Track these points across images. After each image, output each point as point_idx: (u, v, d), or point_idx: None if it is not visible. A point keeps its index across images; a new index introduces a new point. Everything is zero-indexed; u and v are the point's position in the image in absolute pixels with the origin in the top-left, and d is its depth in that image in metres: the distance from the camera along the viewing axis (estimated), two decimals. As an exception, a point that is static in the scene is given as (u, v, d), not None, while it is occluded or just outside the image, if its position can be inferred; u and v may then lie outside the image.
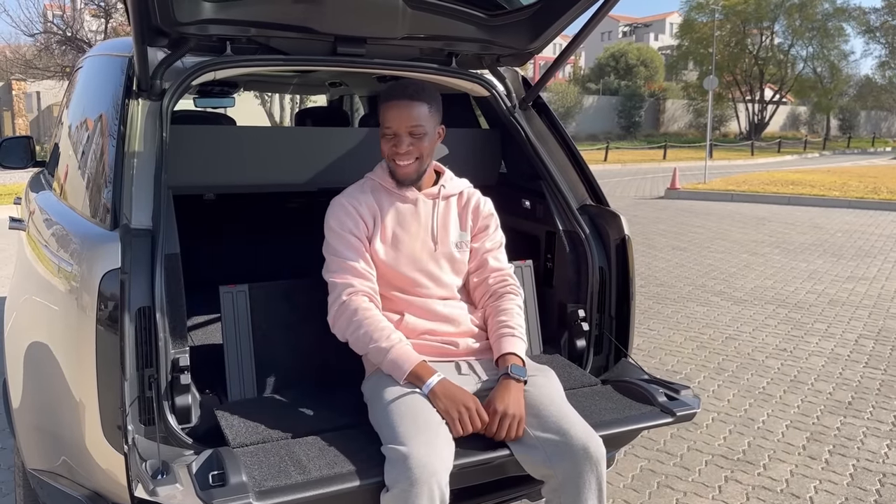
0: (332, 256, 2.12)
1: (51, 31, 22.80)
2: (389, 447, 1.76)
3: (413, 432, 1.77)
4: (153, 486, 1.60)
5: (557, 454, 1.84)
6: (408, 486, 1.67)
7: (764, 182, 16.91)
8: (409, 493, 1.67)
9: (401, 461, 1.70)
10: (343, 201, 2.17)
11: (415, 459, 1.69)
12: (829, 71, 45.64)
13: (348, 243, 2.11)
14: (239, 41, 2.31)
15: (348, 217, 2.14)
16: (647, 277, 7.46)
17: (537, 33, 2.50)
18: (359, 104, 5.18)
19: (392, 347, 1.96)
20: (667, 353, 5.06)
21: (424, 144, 2.10)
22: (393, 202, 2.18)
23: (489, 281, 2.24)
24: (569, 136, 2.76)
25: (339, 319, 2.05)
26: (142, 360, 1.79)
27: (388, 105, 2.08)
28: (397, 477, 1.69)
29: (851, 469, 3.36)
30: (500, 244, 2.32)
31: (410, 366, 1.93)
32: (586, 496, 1.84)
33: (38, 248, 2.34)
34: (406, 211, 2.18)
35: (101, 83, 2.46)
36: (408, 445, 1.73)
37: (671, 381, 2.25)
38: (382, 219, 2.16)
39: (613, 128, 44.13)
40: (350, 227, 2.12)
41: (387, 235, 2.16)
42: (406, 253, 2.17)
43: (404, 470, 1.69)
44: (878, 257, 8.63)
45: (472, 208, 2.28)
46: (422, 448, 1.72)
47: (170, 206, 2.04)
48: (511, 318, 2.16)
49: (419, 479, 1.67)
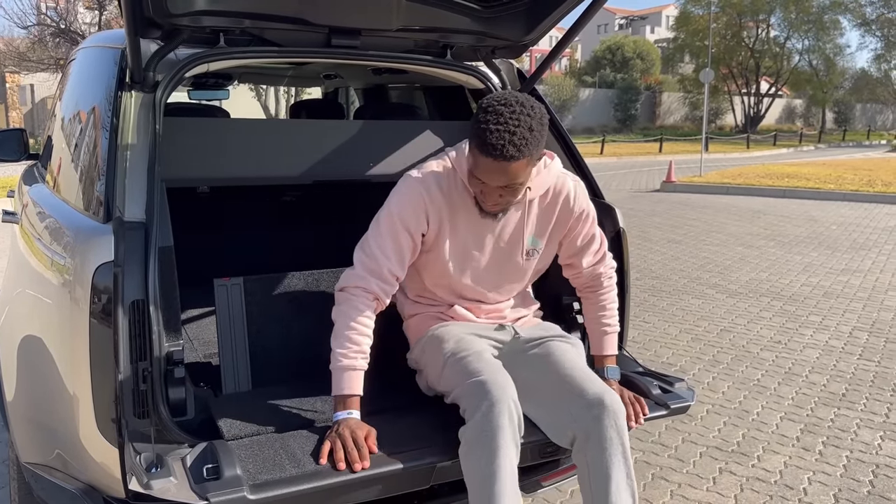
0: (373, 240, 1.99)
1: (44, 24, 22.67)
2: (466, 382, 1.87)
3: (483, 366, 1.91)
4: (147, 479, 1.60)
5: (579, 412, 1.90)
6: (489, 406, 1.79)
7: (759, 175, 16.93)
8: (492, 412, 1.78)
9: (479, 388, 1.83)
10: (420, 189, 1.99)
11: (492, 384, 1.83)
12: (824, 64, 45.65)
13: (395, 239, 1.99)
14: (232, 33, 2.29)
15: (413, 212, 1.99)
16: (643, 270, 7.47)
17: (533, 25, 2.49)
18: (354, 96, 5.17)
19: (347, 368, 1.91)
20: (662, 345, 5.07)
21: (519, 191, 1.94)
22: (470, 211, 2.03)
23: (582, 278, 2.27)
24: (564, 128, 2.75)
25: (338, 297, 2.01)
26: (136, 353, 1.79)
27: (485, 160, 1.83)
28: (478, 402, 1.81)
29: (845, 460, 3.37)
30: (591, 238, 2.20)
31: (341, 392, 1.90)
32: (610, 451, 1.87)
33: (31, 241, 2.33)
34: (483, 225, 2.06)
35: (94, 75, 2.44)
36: (483, 375, 1.86)
37: (666, 373, 2.25)
38: (453, 228, 2.04)
39: (609, 121, 44.06)
40: (408, 224, 1.99)
41: (457, 248, 2.07)
42: (473, 267, 2.12)
43: (484, 393, 1.81)
44: (872, 250, 8.66)
45: (558, 208, 2.12)
46: (496, 375, 1.87)
47: (163, 199, 2.03)
48: (608, 312, 2.27)
49: (499, 398, 1.80)
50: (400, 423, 1.93)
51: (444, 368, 2.00)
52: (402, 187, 2.03)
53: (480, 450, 1.78)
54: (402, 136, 2.75)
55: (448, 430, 1.90)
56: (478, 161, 1.85)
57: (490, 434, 1.77)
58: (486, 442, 1.78)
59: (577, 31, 2.43)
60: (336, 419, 1.87)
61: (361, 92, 4.87)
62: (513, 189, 1.90)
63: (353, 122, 2.79)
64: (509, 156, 1.79)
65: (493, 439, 1.77)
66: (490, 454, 1.77)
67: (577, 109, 42.63)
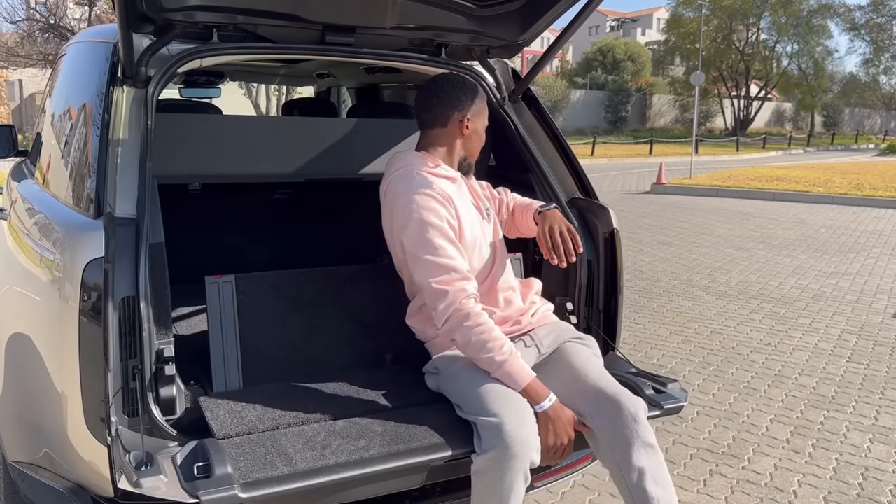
0: (434, 258, 2.01)
1: (34, 19, 22.54)
2: (486, 419, 1.83)
3: (509, 407, 1.86)
4: (137, 477, 1.58)
5: (598, 415, 1.96)
6: (503, 454, 1.78)
7: (749, 178, 17.00)
8: (504, 463, 1.78)
9: (496, 431, 1.80)
10: (434, 183, 2.11)
11: (512, 434, 1.79)
12: (813, 68, 45.94)
13: (449, 238, 2.05)
14: (226, 28, 2.28)
15: (442, 205, 2.07)
16: (633, 272, 7.48)
17: (527, 25, 2.48)
18: (346, 96, 5.15)
19: (506, 361, 1.96)
20: (652, 346, 5.07)
21: None
22: (460, 193, 2.20)
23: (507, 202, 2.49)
24: (558, 129, 2.75)
25: (450, 322, 2.00)
26: (125, 350, 1.77)
27: (485, 108, 2.27)
28: (495, 445, 1.79)
29: (834, 463, 3.38)
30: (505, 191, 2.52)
31: (525, 381, 1.95)
32: (636, 447, 1.92)
33: (20, 237, 2.31)
34: (464, 193, 2.23)
35: (85, 70, 2.42)
36: (502, 417, 1.82)
37: (658, 374, 2.25)
38: (457, 206, 2.13)
39: (600, 122, 44.21)
40: (447, 217, 2.07)
41: (464, 226, 2.14)
42: (478, 234, 2.20)
43: (501, 441, 1.78)
44: (861, 253, 8.71)
45: (475, 184, 2.37)
46: (518, 424, 1.82)
47: (155, 196, 2.01)
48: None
49: (517, 454, 1.78)
50: (393, 422, 1.92)
51: (471, 388, 1.96)
52: (416, 196, 2.07)
53: (496, 485, 1.82)
54: (394, 134, 2.74)
55: (442, 430, 1.89)
56: (484, 113, 2.27)
57: (504, 485, 1.82)
58: (501, 481, 1.82)
59: (572, 31, 2.43)
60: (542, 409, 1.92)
61: (354, 91, 4.85)
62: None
63: (346, 121, 2.78)
64: None
65: (509, 487, 1.82)
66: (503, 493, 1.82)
67: (569, 111, 42.75)
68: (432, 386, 2.13)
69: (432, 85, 2.23)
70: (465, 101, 2.20)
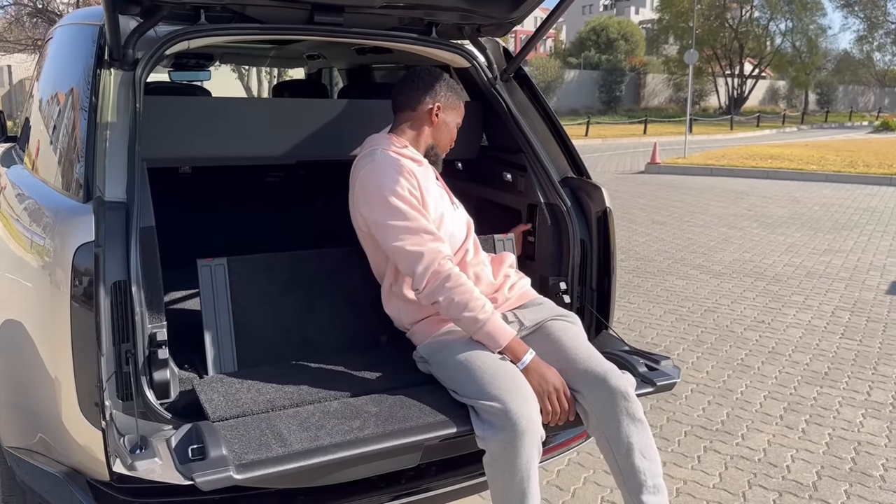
0: (403, 222, 2.05)
1: (21, 3, 22.27)
2: (487, 403, 1.83)
3: (507, 386, 1.86)
4: (132, 460, 1.58)
5: (587, 392, 1.97)
6: (513, 434, 1.78)
7: (743, 156, 17.00)
8: (516, 442, 1.79)
9: (501, 414, 1.80)
10: (399, 161, 2.14)
11: (517, 412, 1.80)
12: (807, 45, 45.80)
13: (413, 206, 2.08)
14: (213, 9, 2.25)
15: (405, 179, 2.11)
16: (627, 251, 7.49)
17: (517, 2, 2.46)
18: (337, 77, 5.11)
19: (488, 320, 1.99)
20: (646, 325, 5.09)
21: None
22: (427, 176, 2.22)
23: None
24: (550, 108, 2.73)
25: (430, 285, 2.01)
26: (118, 335, 1.76)
27: (461, 105, 2.33)
28: (502, 427, 1.79)
29: (827, 438, 3.41)
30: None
31: (505, 340, 1.99)
32: (626, 423, 1.93)
33: (9, 223, 2.29)
34: (430, 176, 2.24)
35: (72, 53, 2.39)
36: (504, 399, 1.82)
37: (651, 352, 2.26)
38: (420, 182, 2.15)
39: (594, 102, 44.07)
40: (409, 188, 2.10)
41: (429, 201, 2.16)
42: (444, 211, 2.21)
43: (508, 421, 1.79)
44: (854, 230, 8.73)
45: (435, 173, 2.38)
46: (520, 401, 1.83)
47: (144, 179, 1.99)
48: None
49: (527, 429, 1.80)
50: (387, 402, 1.93)
51: (467, 373, 1.95)
52: (382, 171, 2.11)
53: (509, 469, 1.83)
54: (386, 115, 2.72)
55: (436, 410, 1.90)
56: (458, 110, 2.32)
57: (520, 464, 1.82)
58: (517, 461, 1.82)
59: (563, 9, 2.41)
60: (525, 364, 1.95)
61: (345, 72, 4.82)
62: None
63: (337, 102, 2.76)
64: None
65: (527, 464, 1.83)
66: (520, 477, 1.83)
67: (562, 91, 42.59)
68: (424, 371, 2.14)
69: (412, 72, 2.27)
70: (440, 90, 2.25)
